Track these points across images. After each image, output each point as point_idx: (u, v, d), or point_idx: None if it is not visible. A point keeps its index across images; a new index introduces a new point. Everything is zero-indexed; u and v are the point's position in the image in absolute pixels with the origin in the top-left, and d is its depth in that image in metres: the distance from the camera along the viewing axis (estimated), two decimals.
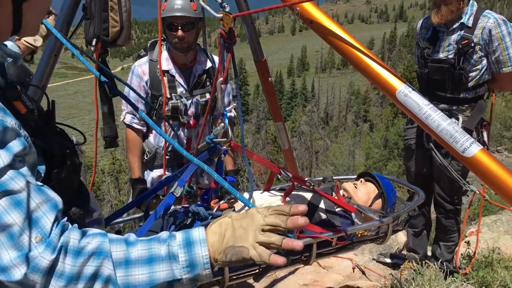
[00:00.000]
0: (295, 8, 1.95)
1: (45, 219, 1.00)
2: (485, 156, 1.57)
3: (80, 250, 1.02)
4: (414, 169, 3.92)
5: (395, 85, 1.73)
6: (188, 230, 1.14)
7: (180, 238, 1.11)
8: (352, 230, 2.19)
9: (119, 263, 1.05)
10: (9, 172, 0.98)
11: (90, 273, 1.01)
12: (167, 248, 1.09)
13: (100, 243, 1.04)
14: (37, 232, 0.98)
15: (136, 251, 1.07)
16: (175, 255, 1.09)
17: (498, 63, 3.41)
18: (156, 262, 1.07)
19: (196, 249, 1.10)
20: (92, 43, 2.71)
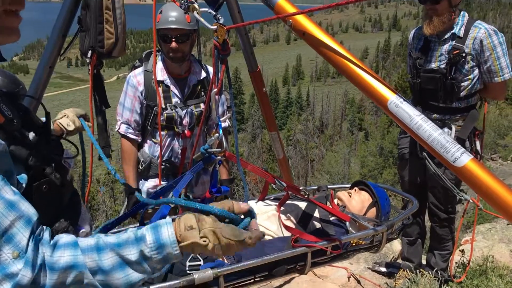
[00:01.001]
0: (288, 20, 1.98)
1: (20, 235, 1.02)
2: (476, 166, 1.60)
3: (53, 265, 1.06)
4: (408, 178, 3.94)
5: (387, 96, 1.75)
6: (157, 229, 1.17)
7: (150, 239, 1.15)
8: (347, 239, 2.21)
9: (95, 271, 1.10)
10: None
11: (71, 281, 1.08)
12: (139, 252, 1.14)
13: (72, 257, 1.08)
14: (13, 248, 1.01)
15: (108, 258, 1.11)
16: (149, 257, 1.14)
17: (490, 73, 3.45)
18: (130, 267, 1.13)
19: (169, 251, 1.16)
20: (87, 55, 2.73)
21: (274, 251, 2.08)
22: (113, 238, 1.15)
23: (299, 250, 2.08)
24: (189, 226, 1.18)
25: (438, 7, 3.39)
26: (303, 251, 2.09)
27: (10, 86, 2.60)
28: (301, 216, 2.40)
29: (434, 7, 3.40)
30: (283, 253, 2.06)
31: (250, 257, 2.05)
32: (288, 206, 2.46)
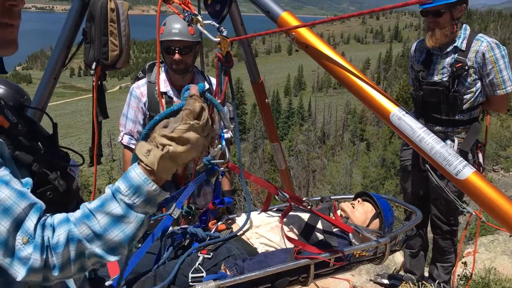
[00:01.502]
0: (290, 33, 2.00)
1: (29, 222, 1.08)
2: (478, 178, 1.60)
3: (56, 244, 1.10)
4: (411, 190, 3.94)
5: (389, 109, 1.76)
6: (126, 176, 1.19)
7: (124, 186, 1.17)
8: (350, 251, 2.21)
9: (91, 238, 1.13)
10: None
11: (74, 256, 1.12)
12: (121, 203, 1.16)
13: (68, 231, 1.11)
14: (23, 234, 1.07)
15: (98, 222, 1.14)
16: (132, 205, 1.16)
17: (492, 86, 3.46)
18: (121, 221, 1.16)
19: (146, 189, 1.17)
20: (91, 66, 2.75)
21: (276, 262, 2.08)
22: (95, 202, 1.18)
23: (302, 262, 2.08)
24: (146, 151, 1.19)
25: (440, 19, 3.41)
26: (306, 263, 2.09)
27: (14, 97, 2.62)
28: (304, 228, 2.40)
29: (436, 19, 3.42)
30: (286, 265, 2.06)
31: (252, 269, 2.05)
32: (291, 218, 2.46)
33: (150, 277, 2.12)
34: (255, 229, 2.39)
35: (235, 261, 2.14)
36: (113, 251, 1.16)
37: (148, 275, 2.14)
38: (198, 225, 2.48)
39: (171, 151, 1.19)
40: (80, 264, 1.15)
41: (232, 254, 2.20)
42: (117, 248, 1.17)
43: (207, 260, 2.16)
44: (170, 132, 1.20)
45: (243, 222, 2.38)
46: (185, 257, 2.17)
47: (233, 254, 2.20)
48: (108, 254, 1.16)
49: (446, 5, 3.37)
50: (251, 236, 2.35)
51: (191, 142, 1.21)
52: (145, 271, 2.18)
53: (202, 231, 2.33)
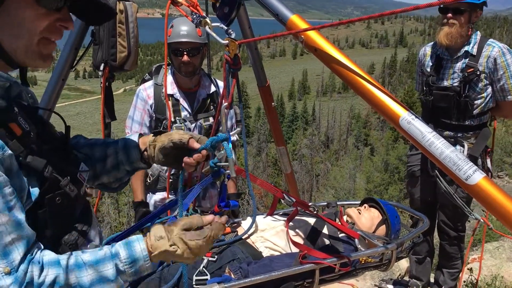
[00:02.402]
0: (299, 36, 1.99)
1: (15, 253, 1.08)
2: (488, 184, 1.58)
3: (41, 284, 1.11)
4: (419, 195, 3.92)
5: (399, 113, 1.75)
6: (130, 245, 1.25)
7: (124, 254, 1.23)
8: (356, 257, 2.19)
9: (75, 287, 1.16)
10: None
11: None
12: (114, 267, 1.21)
13: (55, 276, 1.13)
14: (7, 264, 1.06)
15: (87, 275, 1.17)
16: (123, 271, 1.22)
17: (503, 91, 3.45)
18: (107, 282, 1.20)
19: (141, 265, 1.24)
20: (100, 67, 2.75)
21: (281, 267, 2.07)
22: (90, 255, 1.21)
23: (307, 267, 2.07)
24: (159, 237, 1.27)
25: (459, 18, 3.39)
26: (311, 268, 2.08)
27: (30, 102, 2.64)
28: (309, 232, 2.38)
29: (455, 17, 3.41)
30: (291, 269, 2.04)
31: (257, 272, 2.04)
32: (296, 222, 2.44)
33: (154, 279, 2.11)
34: (261, 233, 2.38)
35: (240, 264, 2.13)
36: None
37: (152, 277, 2.13)
38: None
39: (177, 254, 1.28)
40: None
41: (237, 257, 2.19)
42: None
43: (212, 263, 2.15)
44: (189, 239, 1.29)
45: (249, 225, 2.37)
46: None
47: (238, 258, 2.19)
48: None
49: (469, 5, 3.37)
50: (256, 240, 2.34)
51: (197, 254, 1.31)
52: (149, 273, 2.16)
53: None
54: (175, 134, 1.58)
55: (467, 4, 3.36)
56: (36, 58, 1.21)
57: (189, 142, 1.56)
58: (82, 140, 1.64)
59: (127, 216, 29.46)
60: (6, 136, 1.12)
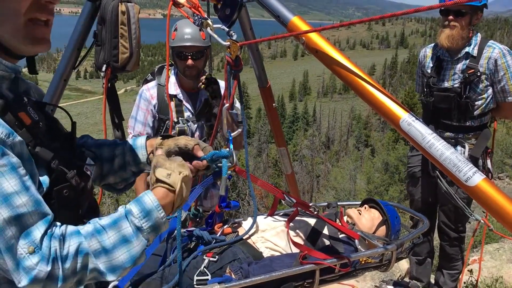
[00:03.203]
0: (301, 37, 2.00)
1: (37, 231, 1.09)
2: (488, 185, 1.59)
3: (65, 256, 1.12)
4: (419, 196, 3.92)
5: (399, 114, 1.76)
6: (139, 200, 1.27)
7: (136, 209, 1.23)
8: (356, 257, 2.20)
9: (98, 253, 1.16)
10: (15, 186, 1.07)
11: (79, 269, 1.14)
12: (132, 224, 1.21)
13: (78, 244, 1.14)
14: (29, 243, 1.07)
15: (109, 238, 1.18)
16: (140, 228, 1.21)
17: (504, 92, 3.45)
18: (130, 241, 1.20)
19: (156, 215, 1.24)
20: (102, 68, 2.76)
21: (282, 267, 2.08)
22: (107, 219, 1.22)
23: (307, 267, 2.08)
24: (167, 175, 1.32)
25: (460, 20, 3.40)
26: (311, 268, 2.09)
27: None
28: (310, 233, 2.39)
29: (457, 19, 3.41)
30: (291, 270, 2.06)
31: (258, 273, 2.05)
32: (297, 222, 2.45)
33: (155, 279, 2.12)
34: (261, 233, 2.39)
35: (241, 264, 2.14)
36: (114, 270, 1.19)
37: (153, 276, 2.14)
38: (204, 228, 2.48)
39: (187, 175, 1.34)
40: (80, 277, 1.16)
41: (237, 257, 2.20)
42: (119, 268, 1.19)
43: (213, 263, 2.16)
44: (180, 161, 1.39)
45: (249, 226, 2.38)
46: (190, 259, 2.17)
47: (238, 258, 2.20)
48: (109, 272, 1.18)
49: (470, 7, 3.38)
50: (256, 240, 2.35)
51: None
52: (150, 272, 2.18)
53: (208, 234, 2.34)
54: (182, 139, 1.61)
55: (468, 6, 3.37)
56: (27, 42, 1.18)
57: (194, 148, 1.59)
58: (90, 140, 1.66)
59: None
60: (15, 125, 1.13)
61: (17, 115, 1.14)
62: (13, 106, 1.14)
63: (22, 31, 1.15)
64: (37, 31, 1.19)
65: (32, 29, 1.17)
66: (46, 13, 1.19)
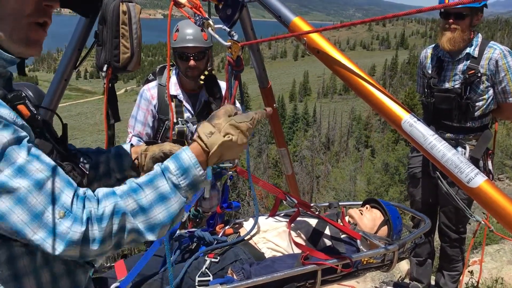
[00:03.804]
0: (302, 38, 2.00)
1: (64, 196, 1.08)
2: (490, 187, 1.59)
3: (101, 216, 1.10)
4: (420, 197, 3.92)
5: (401, 115, 1.76)
6: (177, 157, 1.24)
7: (173, 166, 1.21)
8: (358, 257, 2.20)
9: (136, 212, 1.15)
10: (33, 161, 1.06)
11: (116, 230, 1.12)
12: (169, 181, 1.19)
13: (114, 204, 1.13)
14: (59, 208, 1.06)
15: (145, 196, 1.17)
16: (177, 185, 1.20)
17: (505, 93, 3.45)
18: (167, 198, 1.18)
19: (193, 172, 1.21)
20: (103, 68, 2.76)
21: (284, 268, 2.08)
22: (143, 177, 1.21)
23: (309, 268, 2.08)
24: (209, 133, 1.26)
25: (461, 22, 3.41)
26: (313, 269, 2.09)
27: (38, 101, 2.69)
28: (311, 233, 2.39)
29: (457, 22, 3.42)
30: (293, 270, 2.05)
31: (259, 273, 2.05)
32: (298, 223, 2.45)
33: (156, 280, 2.12)
34: (263, 234, 2.39)
35: (242, 265, 2.14)
36: (153, 229, 1.17)
37: (154, 277, 2.14)
38: (206, 229, 2.48)
39: (234, 140, 1.27)
40: (118, 239, 1.14)
41: (239, 258, 2.20)
42: (158, 226, 1.17)
43: (214, 264, 2.16)
44: (239, 122, 1.29)
45: (251, 226, 2.38)
46: (192, 260, 2.17)
47: (240, 259, 2.20)
48: (148, 231, 1.17)
49: (470, 9, 3.38)
50: (258, 241, 2.35)
51: (247, 137, 1.32)
52: (151, 273, 2.18)
53: (209, 234, 2.34)
54: (167, 145, 1.62)
55: (468, 8, 3.37)
56: (21, 44, 1.18)
57: None
58: (72, 148, 1.64)
59: None
60: None
61: (16, 107, 1.15)
62: (12, 98, 1.15)
63: (19, 32, 1.16)
64: (34, 33, 1.19)
65: (29, 31, 1.18)
66: (46, 16, 1.20)
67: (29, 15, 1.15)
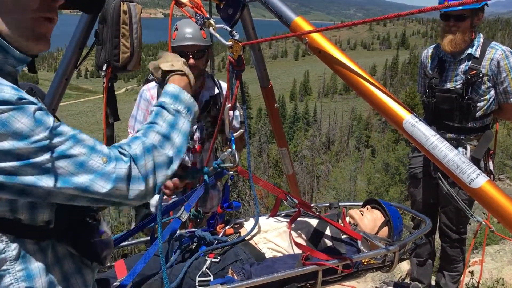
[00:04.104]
0: (303, 38, 1.99)
1: (99, 146, 1.20)
2: (492, 187, 1.58)
3: (136, 155, 1.25)
4: (420, 197, 3.92)
5: (402, 116, 1.75)
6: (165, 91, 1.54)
7: (168, 100, 1.48)
8: (358, 258, 2.20)
9: (162, 142, 1.33)
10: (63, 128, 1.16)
11: (152, 167, 1.28)
12: (170, 110, 1.43)
13: (142, 143, 1.29)
14: (101, 155, 1.18)
15: (161, 126, 1.38)
16: (178, 110, 1.45)
17: (506, 94, 3.44)
18: (176, 123, 1.41)
19: (183, 96, 1.51)
20: (102, 68, 2.76)
21: (284, 268, 2.07)
22: (148, 119, 1.43)
23: (309, 268, 2.07)
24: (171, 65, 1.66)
25: (462, 24, 3.40)
26: (314, 269, 2.08)
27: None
28: (312, 234, 2.39)
29: (458, 24, 3.41)
30: (294, 271, 2.05)
31: (260, 274, 2.04)
32: (299, 223, 2.45)
33: (157, 280, 2.12)
34: (263, 234, 2.38)
35: (243, 265, 2.13)
36: (179, 153, 1.37)
37: (155, 277, 2.14)
38: (206, 229, 2.48)
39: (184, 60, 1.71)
40: (155, 176, 1.29)
41: (239, 258, 2.19)
42: (181, 148, 1.38)
43: (215, 264, 2.16)
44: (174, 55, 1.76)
45: (251, 226, 2.37)
46: (192, 260, 2.17)
47: (240, 259, 2.19)
48: (176, 156, 1.36)
49: (470, 10, 3.37)
50: (259, 241, 2.34)
51: None
52: (152, 273, 2.17)
53: (210, 234, 2.33)
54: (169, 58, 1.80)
55: (468, 10, 3.36)
56: (31, 38, 1.20)
57: None
58: None
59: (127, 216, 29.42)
60: None
61: None
62: None
63: (26, 26, 1.18)
64: (41, 26, 1.22)
65: (36, 25, 1.20)
66: (52, 11, 1.23)
67: (35, 10, 1.18)
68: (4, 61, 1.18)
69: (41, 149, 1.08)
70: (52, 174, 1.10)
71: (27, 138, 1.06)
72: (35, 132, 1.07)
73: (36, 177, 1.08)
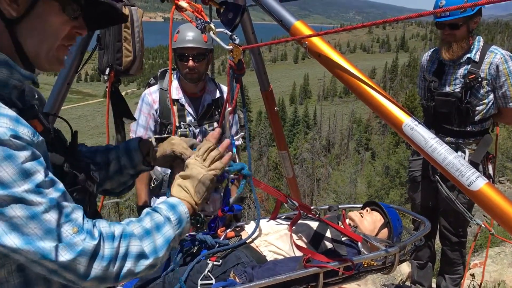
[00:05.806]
0: (303, 41, 2.01)
1: (75, 215, 1.15)
2: (491, 190, 1.60)
3: (112, 235, 1.20)
4: (420, 201, 3.92)
5: (402, 119, 1.77)
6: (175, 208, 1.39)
7: (164, 206, 1.37)
8: (359, 260, 2.20)
9: (142, 235, 1.26)
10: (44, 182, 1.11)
11: (123, 253, 1.21)
12: (161, 215, 1.34)
13: (123, 227, 1.24)
14: (73, 225, 1.13)
15: (147, 223, 1.30)
16: (168, 217, 1.34)
17: (505, 98, 3.45)
18: (163, 227, 1.32)
19: (179, 209, 1.38)
20: (105, 72, 2.77)
21: (285, 270, 2.08)
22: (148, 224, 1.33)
23: (311, 270, 2.08)
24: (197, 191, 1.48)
25: (457, 32, 3.39)
26: (315, 272, 2.09)
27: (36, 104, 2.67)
28: (312, 236, 2.40)
29: (453, 32, 3.40)
30: (295, 273, 2.06)
31: (261, 276, 2.05)
32: (299, 226, 2.45)
33: (159, 284, 2.13)
34: (264, 237, 2.39)
35: (244, 268, 2.14)
36: (156, 252, 1.28)
37: (157, 281, 2.15)
38: (207, 232, 2.48)
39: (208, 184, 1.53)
40: (122, 263, 1.20)
41: (241, 261, 2.20)
42: (159, 251, 1.29)
43: (216, 267, 2.16)
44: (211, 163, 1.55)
45: (252, 229, 2.38)
46: (194, 264, 2.18)
47: (242, 262, 2.20)
48: (152, 255, 1.27)
49: (464, 18, 3.36)
50: (260, 244, 2.35)
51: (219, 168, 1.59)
52: (154, 277, 2.18)
53: (211, 238, 2.34)
54: (179, 146, 1.67)
55: (462, 18, 3.35)
56: (54, 62, 1.27)
57: None
58: (83, 148, 1.67)
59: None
60: None
61: (30, 122, 1.16)
62: (26, 114, 1.17)
63: (53, 52, 1.25)
64: (63, 53, 1.28)
65: (60, 51, 1.27)
66: (73, 40, 1.31)
67: (62, 39, 1.25)
68: (10, 76, 1.20)
69: (16, 202, 1.05)
70: (20, 232, 1.06)
71: (6, 187, 1.04)
72: (17, 183, 1.05)
73: (3, 230, 1.05)
